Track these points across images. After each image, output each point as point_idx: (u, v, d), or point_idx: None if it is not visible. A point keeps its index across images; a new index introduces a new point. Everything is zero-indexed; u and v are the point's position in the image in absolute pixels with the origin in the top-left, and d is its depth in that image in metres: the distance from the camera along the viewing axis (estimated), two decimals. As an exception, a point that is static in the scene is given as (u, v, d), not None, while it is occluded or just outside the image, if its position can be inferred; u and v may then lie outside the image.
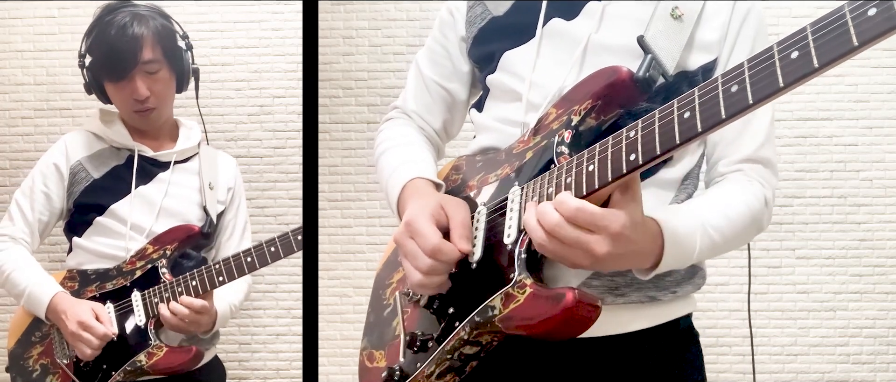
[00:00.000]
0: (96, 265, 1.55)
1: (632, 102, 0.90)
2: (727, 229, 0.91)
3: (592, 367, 0.97)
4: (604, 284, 0.95)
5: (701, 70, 0.96)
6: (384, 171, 1.11)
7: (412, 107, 1.19)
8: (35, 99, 2.15)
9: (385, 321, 1.07)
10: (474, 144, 1.09)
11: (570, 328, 0.81)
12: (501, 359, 0.95)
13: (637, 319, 0.97)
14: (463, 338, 0.90)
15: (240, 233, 1.68)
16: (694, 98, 0.71)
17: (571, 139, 0.89)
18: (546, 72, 0.99)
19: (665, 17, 0.93)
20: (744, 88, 0.66)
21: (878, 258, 2.12)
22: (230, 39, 2.14)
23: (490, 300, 0.86)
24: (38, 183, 1.59)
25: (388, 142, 1.15)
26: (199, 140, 1.68)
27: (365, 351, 1.09)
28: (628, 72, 0.87)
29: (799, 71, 0.62)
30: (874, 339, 2.12)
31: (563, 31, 1.00)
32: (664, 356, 0.99)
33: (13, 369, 1.58)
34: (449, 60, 1.15)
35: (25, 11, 2.14)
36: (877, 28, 0.58)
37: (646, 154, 0.74)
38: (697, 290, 1.03)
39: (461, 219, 0.92)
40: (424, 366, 0.93)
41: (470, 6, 1.11)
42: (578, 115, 0.90)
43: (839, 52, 0.60)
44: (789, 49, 0.63)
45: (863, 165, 2.11)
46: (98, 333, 1.44)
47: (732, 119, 0.67)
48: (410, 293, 1.02)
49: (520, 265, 0.85)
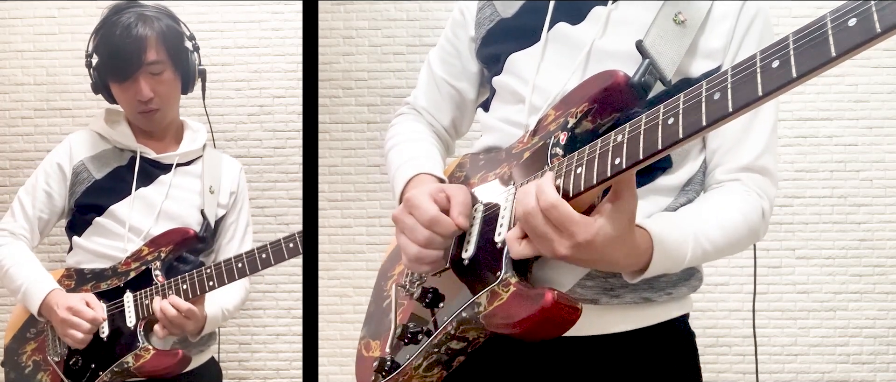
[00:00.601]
0: (94, 265, 1.56)
1: (627, 107, 0.90)
2: (721, 239, 0.91)
3: (585, 367, 0.97)
4: (598, 284, 0.95)
5: (703, 78, 0.95)
6: (392, 165, 1.13)
7: (423, 103, 1.21)
8: (35, 99, 2.15)
9: (383, 312, 1.08)
10: (480, 143, 1.10)
11: (549, 328, 0.81)
12: (491, 357, 0.96)
13: (631, 319, 0.97)
14: (450, 333, 0.91)
15: (240, 237, 1.68)
16: (679, 104, 0.71)
17: (566, 141, 0.90)
18: (549, 75, 0.99)
19: (667, 22, 0.93)
20: (725, 95, 0.66)
21: (878, 258, 2.12)
22: (230, 39, 2.14)
23: (477, 296, 0.88)
24: (41, 181, 1.60)
25: (398, 137, 1.17)
26: (205, 143, 1.68)
27: (363, 340, 1.11)
28: (624, 76, 0.88)
29: (778, 80, 0.62)
30: (874, 339, 2.12)
31: (567, 36, 1.00)
32: (658, 356, 0.99)
33: (7, 364, 1.59)
34: (459, 59, 1.17)
35: (25, 11, 2.14)
36: (855, 39, 0.57)
37: (629, 158, 0.74)
38: (694, 291, 1.03)
39: (462, 198, 0.93)
40: (413, 358, 0.94)
41: (480, 7, 1.12)
42: (574, 117, 0.91)
43: (817, 62, 0.59)
44: (771, 58, 0.63)
45: (863, 165, 2.11)
46: (87, 316, 1.45)
47: (714, 126, 0.67)
48: (407, 286, 1.03)
49: (507, 263, 0.86)
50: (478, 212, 0.95)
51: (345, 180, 2.24)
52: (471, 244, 0.92)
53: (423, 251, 0.92)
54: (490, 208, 0.94)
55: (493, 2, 1.10)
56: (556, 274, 0.94)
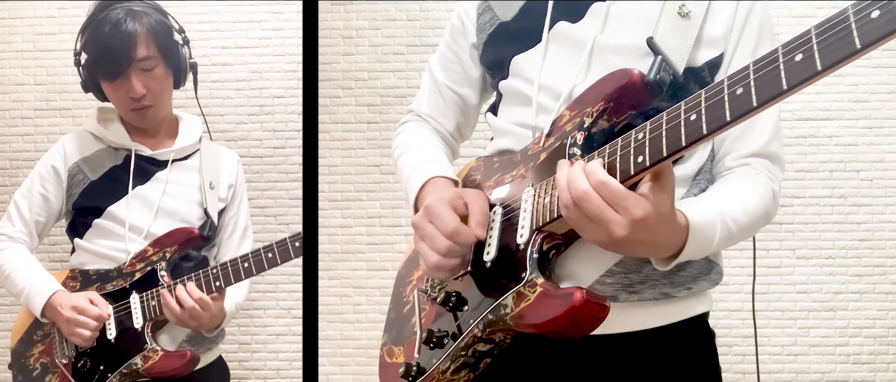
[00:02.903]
0: (98, 266, 1.55)
1: (643, 104, 0.90)
2: (743, 219, 0.91)
3: (607, 365, 0.97)
4: (618, 281, 0.95)
5: (707, 66, 0.96)
6: (404, 171, 1.13)
7: (426, 110, 1.22)
8: (35, 99, 2.15)
9: (404, 318, 1.09)
10: (492, 146, 1.10)
11: (579, 326, 0.82)
12: (516, 357, 0.97)
13: (652, 317, 0.97)
14: (476, 336, 0.92)
15: (241, 231, 1.68)
16: (701, 100, 0.71)
17: (584, 141, 0.90)
18: (554, 74, 1.00)
19: (672, 16, 0.93)
20: (748, 90, 0.66)
21: (878, 258, 2.12)
22: (230, 39, 2.14)
23: (502, 298, 0.88)
24: (36, 185, 1.58)
25: (406, 144, 1.18)
26: (200, 136, 1.66)
27: (385, 347, 1.11)
28: (640, 74, 0.88)
29: (802, 74, 0.62)
30: (874, 339, 2.12)
31: (568, 34, 1.00)
32: (679, 354, 0.99)
33: (15, 366, 1.59)
34: (460, 66, 1.17)
35: (25, 11, 2.14)
36: (880, 30, 0.58)
37: (653, 156, 0.74)
38: (714, 286, 1.03)
39: (480, 207, 0.94)
40: (440, 362, 0.95)
41: (480, 13, 1.12)
42: (591, 117, 0.91)
43: (842, 54, 0.60)
44: (794, 52, 0.63)
45: (863, 165, 2.11)
46: (92, 314, 1.45)
47: (737, 122, 0.68)
48: (428, 291, 1.04)
49: (531, 264, 0.86)
50: (497, 214, 0.96)
51: (345, 180, 2.24)
52: (492, 247, 0.93)
53: (443, 260, 0.93)
54: (509, 210, 0.94)
55: (491, 4, 1.10)
56: (576, 272, 0.94)
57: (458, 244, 0.92)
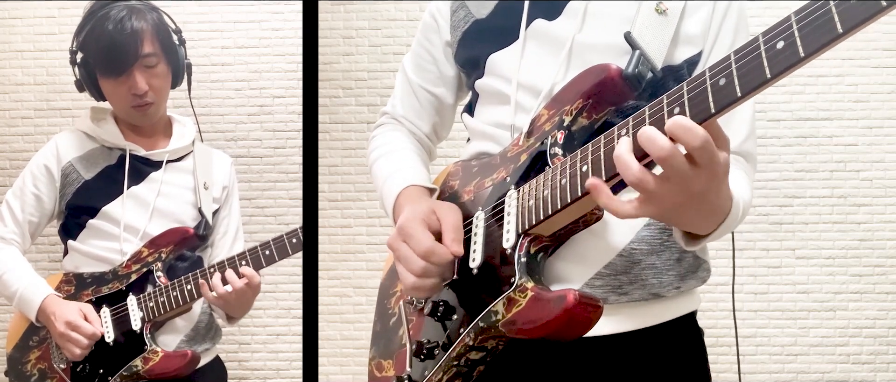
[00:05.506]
0: (92, 268, 1.54)
1: (622, 100, 0.90)
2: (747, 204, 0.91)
3: (598, 367, 0.97)
4: (607, 283, 0.95)
5: (686, 64, 0.96)
6: (378, 178, 1.12)
7: (401, 112, 1.20)
8: (35, 99, 2.15)
9: (391, 330, 1.07)
10: (469, 148, 1.09)
11: (573, 328, 0.81)
12: (508, 362, 0.95)
13: (641, 317, 0.97)
14: (468, 344, 0.90)
15: (234, 231, 1.67)
16: (683, 93, 0.70)
17: (564, 140, 0.89)
18: (532, 73, 0.99)
19: (650, 13, 0.93)
20: (732, 80, 0.65)
21: (878, 258, 2.12)
22: (230, 39, 2.14)
23: (493, 305, 0.86)
24: (29, 184, 1.57)
25: (381, 149, 1.16)
26: (194, 138, 1.66)
27: (373, 361, 1.09)
28: (617, 69, 0.87)
29: (785, 61, 0.62)
30: (874, 339, 2.12)
31: (546, 32, 0.99)
32: (669, 353, 0.99)
33: (11, 373, 1.57)
34: (435, 65, 1.16)
35: (25, 11, 2.14)
36: (860, 14, 0.57)
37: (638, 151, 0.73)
38: (702, 283, 1.02)
39: (452, 222, 0.92)
40: (432, 374, 0.93)
41: (453, 11, 1.10)
42: (570, 115, 0.90)
43: (824, 40, 0.59)
44: (775, 40, 0.62)
45: (863, 165, 2.11)
46: (86, 332, 1.44)
47: (722, 113, 0.67)
48: (414, 302, 1.01)
49: (520, 268, 0.85)
50: (480, 220, 0.94)
51: (345, 180, 2.23)
52: (477, 253, 0.91)
53: (420, 280, 0.91)
54: (492, 215, 0.93)
55: (465, 3, 1.09)
56: (565, 274, 0.93)
57: (434, 264, 0.90)
